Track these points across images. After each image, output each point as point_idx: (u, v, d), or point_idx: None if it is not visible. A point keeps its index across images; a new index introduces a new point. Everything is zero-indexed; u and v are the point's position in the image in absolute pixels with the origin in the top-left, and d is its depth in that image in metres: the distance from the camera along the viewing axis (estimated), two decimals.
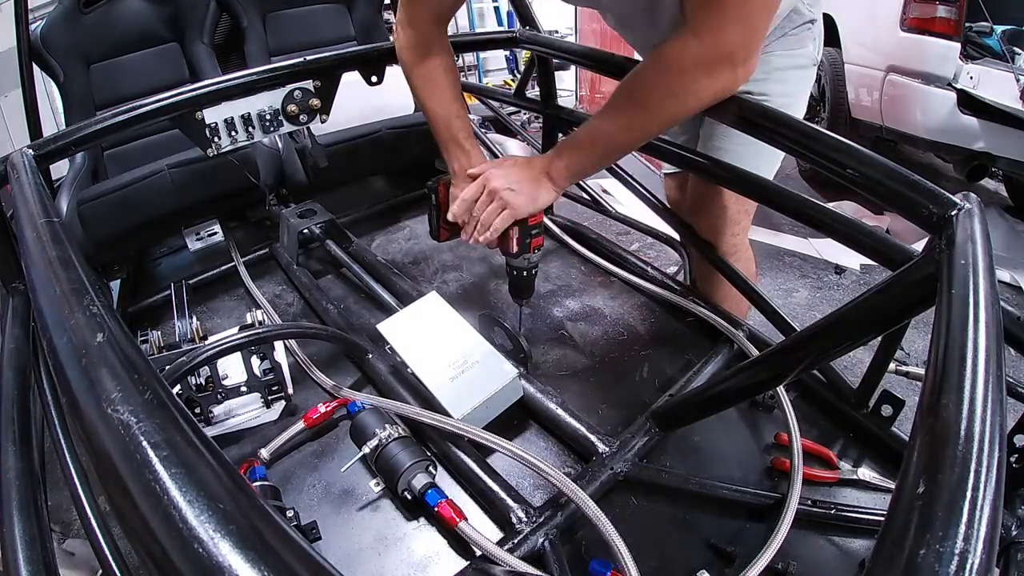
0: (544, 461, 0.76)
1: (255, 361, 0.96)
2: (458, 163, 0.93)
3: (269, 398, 0.99)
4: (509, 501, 0.80)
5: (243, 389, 0.96)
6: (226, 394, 0.95)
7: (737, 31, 0.72)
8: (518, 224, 0.89)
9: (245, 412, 0.98)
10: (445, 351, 0.93)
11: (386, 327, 0.98)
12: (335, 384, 1.00)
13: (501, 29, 4.24)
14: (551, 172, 0.87)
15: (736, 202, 1.15)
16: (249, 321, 1.15)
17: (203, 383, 0.95)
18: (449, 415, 0.85)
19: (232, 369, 0.97)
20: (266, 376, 0.97)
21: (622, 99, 0.83)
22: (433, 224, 1.00)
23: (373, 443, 0.82)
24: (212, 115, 1.05)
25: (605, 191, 2.52)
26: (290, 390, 0.99)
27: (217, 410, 0.97)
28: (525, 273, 0.97)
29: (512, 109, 2.06)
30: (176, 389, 0.88)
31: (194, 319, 1.21)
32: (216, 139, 1.07)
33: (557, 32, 4.20)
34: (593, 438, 0.87)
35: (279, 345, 0.98)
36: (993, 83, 2.25)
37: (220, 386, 0.94)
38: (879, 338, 0.80)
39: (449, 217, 0.93)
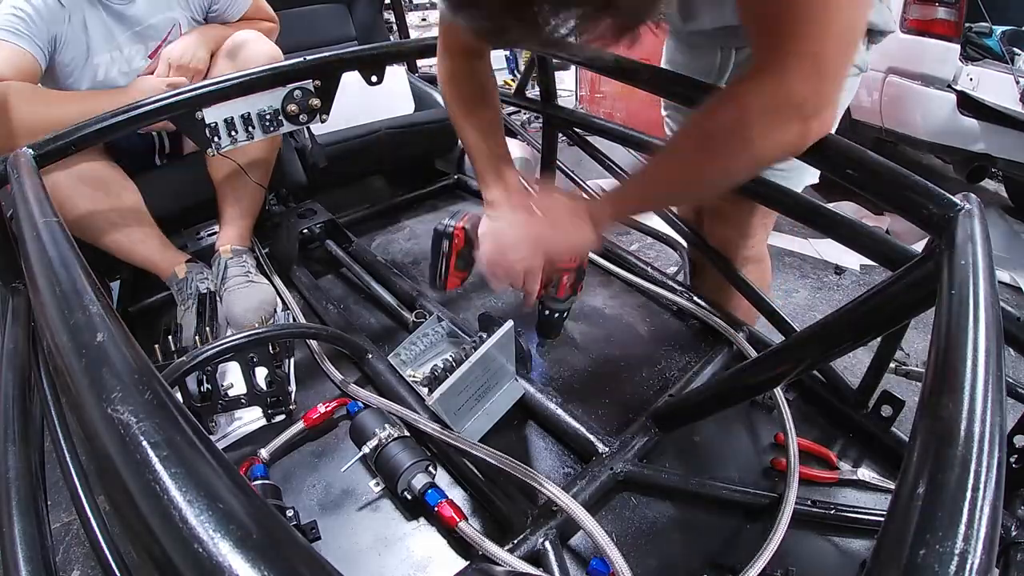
0: (538, 474, 0.76)
1: (260, 371, 0.93)
2: (491, 194, 0.87)
3: (270, 411, 0.96)
4: (509, 501, 0.80)
5: (243, 401, 0.94)
6: (225, 405, 0.93)
7: (805, 78, 0.63)
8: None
9: (247, 424, 0.97)
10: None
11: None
12: (343, 379, 1.00)
13: None
14: (592, 209, 0.78)
15: (758, 215, 1.13)
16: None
17: (207, 391, 0.91)
18: (448, 424, 0.85)
19: (239, 380, 0.94)
20: (269, 388, 0.94)
21: (680, 140, 0.80)
22: (441, 273, 0.86)
23: (373, 443, 0.82)
24: (212, 115, 1.05)
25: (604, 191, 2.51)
26: (292, 404, 0.98)
27: (219, 420, 0.96)
28: (556, 315, 0.92)
29: (512, 109, 2.06)
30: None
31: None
32: (216, 139, 1.07)
33: None
34: (593, 438, 0.87)
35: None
36: (993, 84, 2.25)
37: (221, 396, 0.91)
38: (879, 338, 0.80)
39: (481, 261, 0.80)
